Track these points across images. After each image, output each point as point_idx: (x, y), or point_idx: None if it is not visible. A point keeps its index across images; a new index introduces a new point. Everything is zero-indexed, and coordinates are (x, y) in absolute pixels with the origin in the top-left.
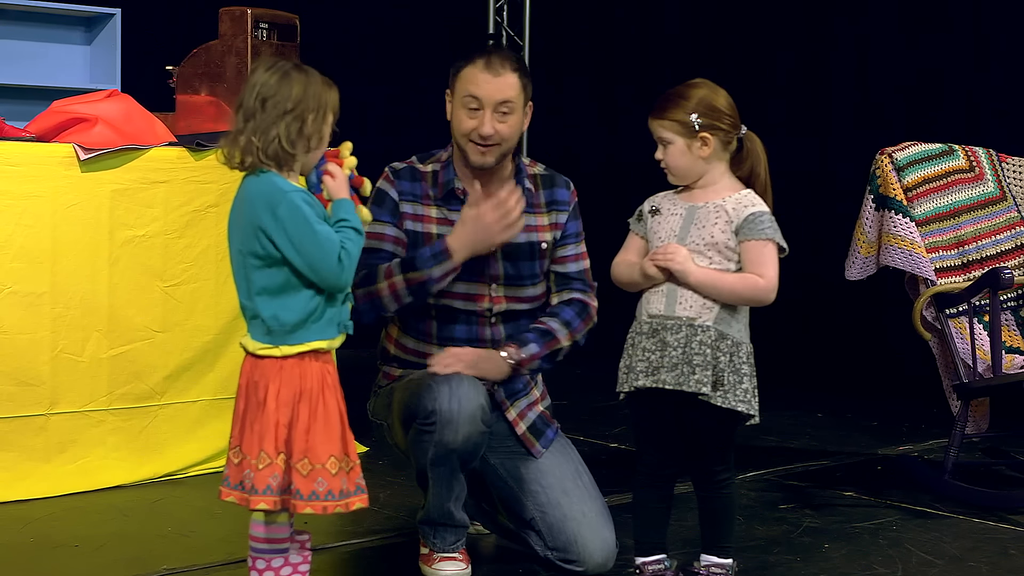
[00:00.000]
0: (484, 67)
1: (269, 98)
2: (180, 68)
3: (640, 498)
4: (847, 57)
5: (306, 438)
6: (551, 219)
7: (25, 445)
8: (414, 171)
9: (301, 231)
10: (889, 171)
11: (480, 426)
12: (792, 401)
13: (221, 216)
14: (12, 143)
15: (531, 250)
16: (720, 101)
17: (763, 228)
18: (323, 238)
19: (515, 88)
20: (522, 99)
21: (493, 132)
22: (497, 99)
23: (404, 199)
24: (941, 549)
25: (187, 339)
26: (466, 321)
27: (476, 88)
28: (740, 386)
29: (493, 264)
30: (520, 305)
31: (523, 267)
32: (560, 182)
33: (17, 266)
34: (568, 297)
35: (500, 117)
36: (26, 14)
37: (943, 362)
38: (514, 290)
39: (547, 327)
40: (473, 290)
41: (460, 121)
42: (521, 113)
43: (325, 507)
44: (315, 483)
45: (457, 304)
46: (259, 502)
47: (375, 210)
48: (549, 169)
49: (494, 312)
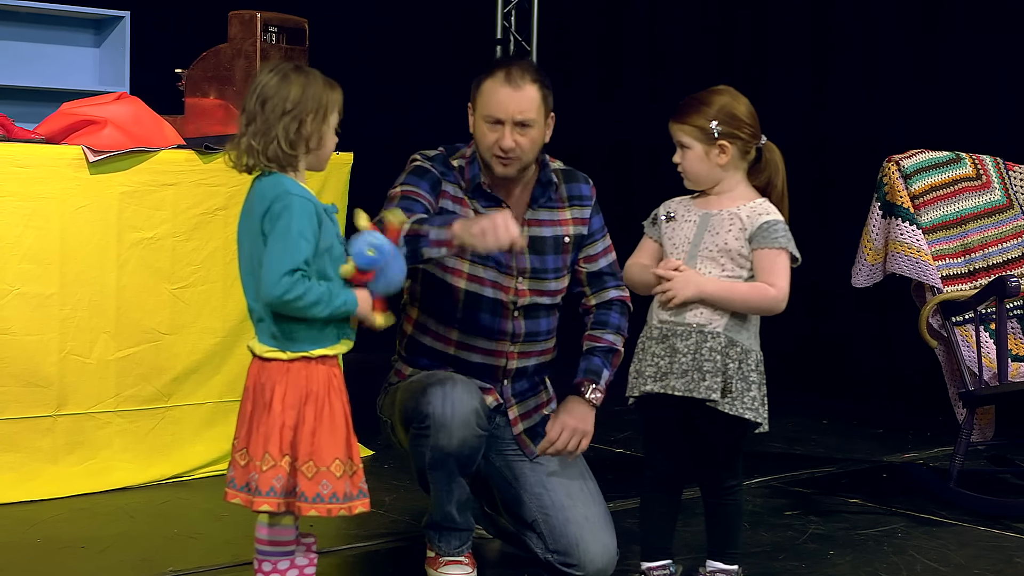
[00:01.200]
0: (504, 81)
1: (268, 99)
2: (189, 71)
3: (647, 503)
4: (853, 61)
5: (311, 441)
6: (573, 213)
7: (32, 446)
8: (446, 160)
9: (279, 227)
10: (896, 178)
11: (475, 430)
12: (798, 408)
13: (229, 219)
14: (21, 145)
15: (555, 244)
16: (741, 110)
17: (777, 237)
18: (291, 244)
19: (535, 101)
20: (542, 111)
21: (514, 146)
22: (517, 113)
23: (446, 178)
24: (946, 557)
25: (195, 341)
26: (491, 311)
27: (495, 102)
28: (748, 393)
29: (520, 257)
30: (542, 299)
31: (548, 260)
32: (580, 177)
33: (26, 267)
34: (608, 298)
35: (520, 131)
36: (36, 16)
37: (949, 370)
38: (538, 283)
39: (608, 344)
40: (502, 280)
41: (482, 135)
42: (542, 125)
43: (329, 510)
44: (319, 485)
45: (487, 292)
46: (263, 504)
47: (414, 179)
48: (568, 166)
49: (518, 305)
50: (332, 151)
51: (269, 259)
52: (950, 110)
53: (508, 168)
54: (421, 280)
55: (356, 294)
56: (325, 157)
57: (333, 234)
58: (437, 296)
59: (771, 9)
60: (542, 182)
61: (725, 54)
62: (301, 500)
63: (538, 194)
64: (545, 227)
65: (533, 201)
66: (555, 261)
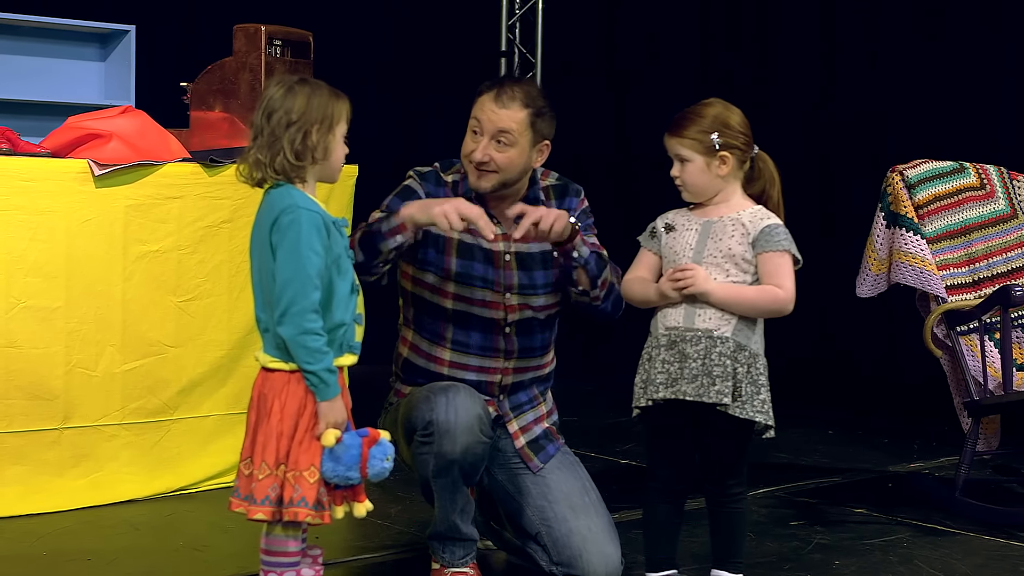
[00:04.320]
0: (494, 97)
1: (274, 112)
2: (194, 84)
3: (651, 513)
4: (856, 68)
5: (299, 449)
6: None
7: (38, 459)
8: (439, 177)
9: (288, 242)
10: (900, 188)
11: (479, 436)
12: (803, 418)
13: (234, 231)
14: (27, 159)
15: (544, 259)
16: (735, 120)
17: (780, 240)
18: (303, 266)
19: (517, 122)
20: (527, 135)
21: (486, 159)
22: (495, 128)
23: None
24: (951, 566)
25: (200, 354)
26: (482, 328)
27: (480, 114)
28: (758, 397)
29: (508, 273)
30: (534, 314)
31: (536, 276)
32: (571, 191)
33: (32, 281)
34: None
35: (497, 146)
36: (41, 30)
37: (954, 379)
38: (527, 299)
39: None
40: (490, 297)
41: (464, 143)
42: (525, 148)
43: (296, 513)
44: (293, 490)
45: (475, 310)
46: (257, 512)
47: (397, 202)
48: (563, 178)
49: (509, 321)
50: (342, 162)
51: (283, 275)
52: (954, 119)
53: (481, 181)
54: (412, 303)
55: (338, 400)
56: (335, 168)
57: (341, 247)
58: (428, 318)
59: (774, 18)
60: (529, 199)
61: (728, 66)
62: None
63: None
64: (533, 242)
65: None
66: (544, 276)
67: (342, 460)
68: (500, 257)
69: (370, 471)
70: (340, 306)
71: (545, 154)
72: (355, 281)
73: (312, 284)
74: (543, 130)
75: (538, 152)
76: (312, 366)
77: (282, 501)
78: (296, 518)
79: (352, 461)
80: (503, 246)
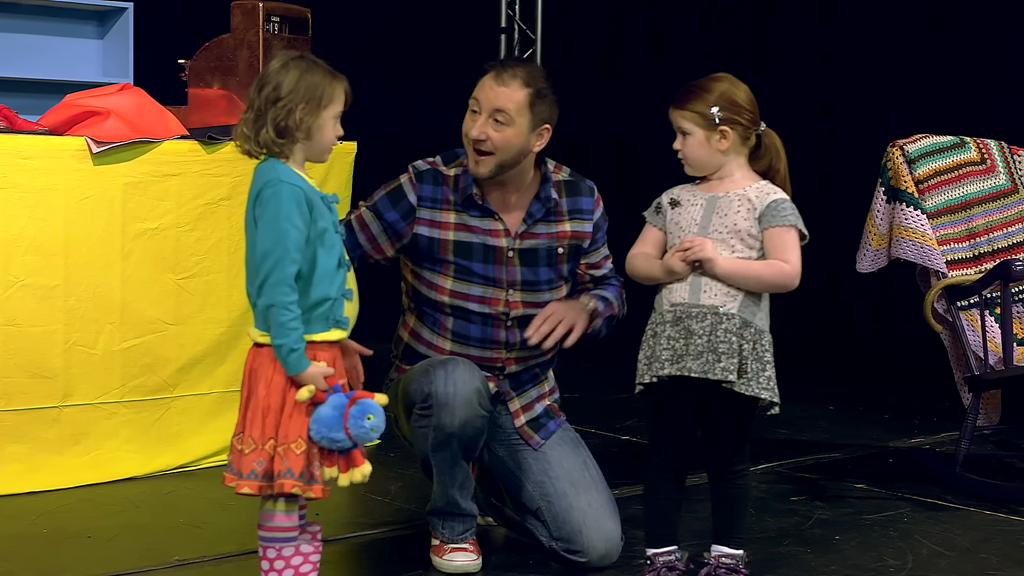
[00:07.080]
0: (495, 76)
1: (264, 87)
2: (192, 62)
3: (652, 490)
4: (858, 46)
5: (288, 423)
6: (572, 227)
7: (38, 437)
8: (437, 174)
9: (268, 217)
10: (900, 163)
11: (477, 409)
12: (804, 394)
13: (233, 209)
14: (25, 136)
15: (549, 255)
16: (741, 96)
17: (786, 215)
18: (282, 239)
19: (515, 101)
20: (526, 116)
21: (482, 136)
22: (493, 106)
23: (423, 204)
24: (952, 541)
25: (199, 331)
26: (481, 323)
27: (480, 92)
28: (763, 373)
29: (511, 270)
30: (537, 310)
31: (541, 272)
32: (584, 189)
33: (30, 259)
34: (606, 284)
35: (494, 125)
36: (39, 8)
37: (954, 354)
38: (531, 295)
39: (604, 295)
40: (489, 294)
41: (464, 121)
42: (523, 129)
43: (282, 484)
44: (280, 462)
45: (472, 307)
46: (243, 486)
47: (386, 203)
48: (575, 174)
49: (511, 316)
50: (332, 143)
51: (263, 245)
52: (954, 95)
53: (479, 167)
54: (413, 293)
55: (312, 368)
56: (323, 149)
57: (328, 222)
58: (427, 308)
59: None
60: (541, 198)
61: (730, 45)
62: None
63: (535, 210)
64: (540, 239)
65: (529, 217)
66: (548, 272)
67: (323, 420)
68: (503, 253)
69: (352, 431)
70: (324, 280)
71: (545, 138)
72: (343, 256)
73: (289, 258)
74: (543, 113)
75: (537, 136)
76: (277, 339)
77: (272, 475)
78: (283, 489)
79: (334, 422)
80: (507, 242)
